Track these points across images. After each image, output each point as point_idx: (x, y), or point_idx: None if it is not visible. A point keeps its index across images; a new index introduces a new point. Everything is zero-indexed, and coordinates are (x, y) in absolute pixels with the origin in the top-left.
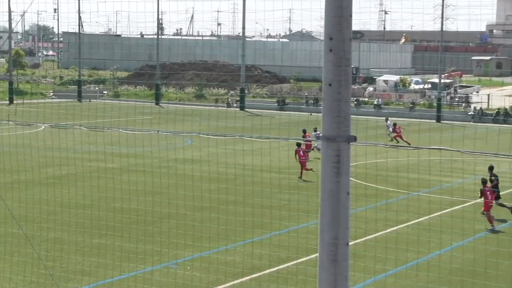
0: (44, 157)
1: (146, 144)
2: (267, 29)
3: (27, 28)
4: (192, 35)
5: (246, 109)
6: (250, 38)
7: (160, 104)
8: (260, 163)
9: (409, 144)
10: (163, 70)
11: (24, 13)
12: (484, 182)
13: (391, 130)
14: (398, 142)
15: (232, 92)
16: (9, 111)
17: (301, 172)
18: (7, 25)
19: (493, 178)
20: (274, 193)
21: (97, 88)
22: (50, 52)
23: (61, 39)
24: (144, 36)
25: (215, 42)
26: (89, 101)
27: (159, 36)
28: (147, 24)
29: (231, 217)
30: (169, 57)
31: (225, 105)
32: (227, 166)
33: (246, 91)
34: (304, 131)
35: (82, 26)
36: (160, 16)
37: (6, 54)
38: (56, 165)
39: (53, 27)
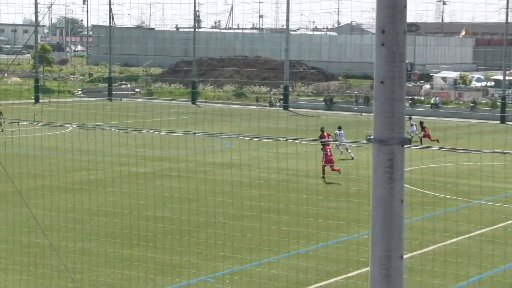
0: (71, 161)
1: (181, 147)
2: (313, 22)
3: (54, 21)
4: (232, 28)
5: (290, 109)
6: (295, 31)
7: (197, 103)
8: (306, 167)
9: (438, 141)
10: (200, 66)
11: (51, 5)
12: None
13: (415, 129)
14: (421, 143)
15: (275, 90)
16: (35, 111)
17: (323, 170)
18: (33, 18)
19: None
20: (321, 200)
21: (128, 86)
22: (79, 47)
23: (91, 33)
24: (180, 30)
25: (256, 36)
26: (120, 100)
27: (196, 30)
28: (183, 16)
29: (274, 227)
30: (207, 52)
31: (267, 104)
32: (270, 171)
33: (290, 89)
34: (322, 130)
35: (113, 19)
36: (197, 8)
37: (32, 49)
38: (84, 170)
39: (82, 20)
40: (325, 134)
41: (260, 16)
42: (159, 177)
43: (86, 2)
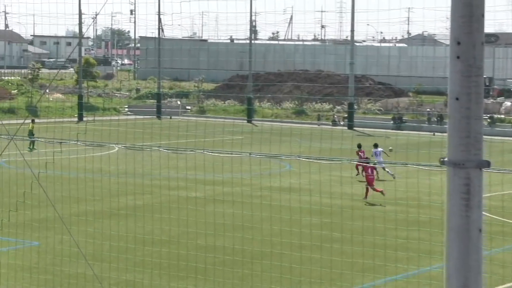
0: (116, 184)
1: (236, 169)
2: (381, 32)
3: (99, 33)
4: (291, 40)
5: (355, 128)
6: (360, 42)
7: (253, 122)
8: (372, 193)
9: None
10: (256, 81)
11: (96, 15)
12: None
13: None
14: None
15: (338, 107)
16: (78, 130)
17: (367, 192)
18: (77, 30)
19: None
20: (389, 229)
21: (179, 103)
22: (126, 61)
23: (138, 45)
24: (235, 41)
25: (318, 48)
26: (170, 118)
27: (252, 41)
28: (238, 27)
29: (336, 258)
30: (264, 65)
31: (330, 123)
32: (332, 196)
33: (355, 106)
34: (359, 146)
35: (162, 30)
36: (253, 18)
37: (75, 63)
38: (130, 194)
39: (129, 32)
40: (362, 151)
41: (322, 26)
42: (211, 202)
43: (133, 12)
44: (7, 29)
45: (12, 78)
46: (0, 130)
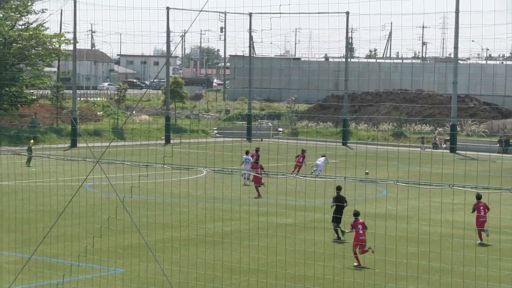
0: (203, 209)
1: (329, 195)
2: (487, 49)
3: (187, 51)
4: (390, 58)
5: (458, 151)
6: (464, 60)
7: (348, 145)
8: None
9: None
10: (352, 101)
11: (184, 33)
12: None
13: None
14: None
15: (439, 129)
16: (165, 152)
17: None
18: (164, 48)
19: None
20: (493, 259)
21: (270, 125)
22: (215, 81)
23: (228, 64)
24: (329, 60)
25: (418, 66)
26: (261, 140)
27: (348, 59)
28: (333, 44)
29: None
30: (360, 85)
31: (431, 146)
32: (432, 223)
33: (458, 128)
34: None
35: (253, 48)
36: (349, 35)
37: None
38: (218, 220)
39: (218, 50)
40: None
41: (423, 44)
42: (302, 229)
43: (223, 30)
44: (93, 48)
45: (98, 99)
46: (85, 153)
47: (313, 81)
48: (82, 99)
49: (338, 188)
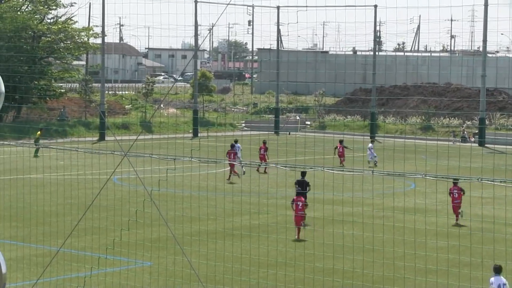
0: (231, 203)
1: (357, 188)
2: None
3: (215, 44)
4: (418, 51)
5: (486, 145)
6: (493, 53)
7: (376, 138)
8: (504, 214)
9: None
10: (380, 95)
11: (212, 26)
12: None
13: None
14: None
15: (468, 123)
16: (192, 146)
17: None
18: (192, 42)
19: None
20: None
21: (298, 118)
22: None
23: (256, 57)
24: (357, 53)
25: (446, 60)
26: (289, 133)
27: (377, 53)
28: (361, 37)
29: (465, 284)
30: (388, 78)
31: (459, 140)
32: (461, 218)
33: (487, 122)
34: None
35: (281, 41)
36: (377, 28)
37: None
38: (245, 213)
39: (246, 43)
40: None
41: (452, 37)
42: (330, 223)
43: (251, 23)
44: (122, 41)
45: (126, 92)
46: (113, 147)
47: (340, 75)
48: (110, 92)
49: (303, 174)
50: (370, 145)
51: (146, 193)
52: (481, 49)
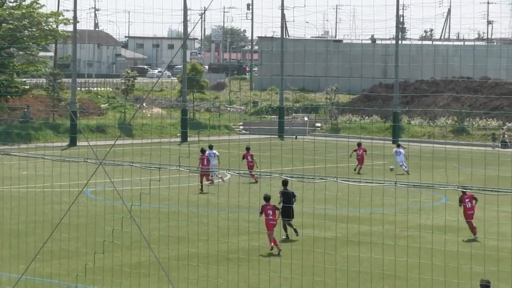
0: (226, 220)
1: (377, 203)
2: None
3: (208, 32)
4: (448, 39)
5: None
6: None
7: (400, 143)
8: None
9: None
10: (404, 91)
11: (204, 10)
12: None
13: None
14: None
15: (509, 124)
16: (180, 152)
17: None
18: (181, 29)
19: None
20: None
21: (306, 119)
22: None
23: (256, 47)
24: (377, 42)
25: (482, 49)
26: (295, 137)
27: (399, 41)
28: (380, 23)
29: None
30: (413, 72)
31: (499, 144)
32: (501, 237)
33: None
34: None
35: (285, 29)
36: (400, 12)
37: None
38: (244, 233)
39: (245, 31)
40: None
41: (489, 22)
42: (344, 244)
43: (251, 7)
44: (97, 29)
45: (102, 89)
46: (86, 153)
47: (357, 67)
48: (83, 89)
49: (284, 183)
50: (400, 149)
51: (125, 208)
52: None
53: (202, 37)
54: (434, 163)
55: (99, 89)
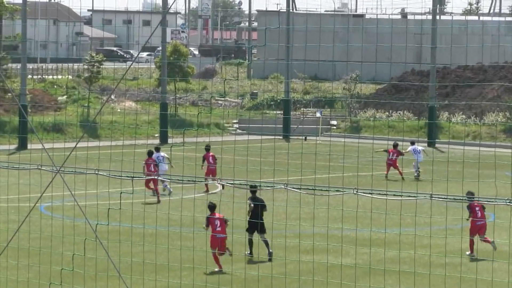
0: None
1: (408, 222)
2: None
3: (194, 5)
4: (500, 14)
5: None
6: None
7: (437, 145)
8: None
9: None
10: (442, 80)
11: None
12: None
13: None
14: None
15: None
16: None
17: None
18: (159, 1)
19: None
20: None
21: (318, 115)
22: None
23: (255, 24)
24: (408, 17)
25: None
26: (304, 139)
27: (437, 17)
28: None
29: None
30: (455, 55)
31: None
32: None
33: None
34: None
35: (293, 1)
36: None
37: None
38: (239, 260)
39: (240, 4)
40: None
41: None
42: (366, 273)
43: None
44: (53, 0)
45: (60, 77)
46: (40, 159)
47: (383, 50)
48: (35, 77)
49: (253, 191)
50: (418, 147)
51: (89, 228)
52: None
53: (187, 11)
54: (480, 171)
55: (55, 77)
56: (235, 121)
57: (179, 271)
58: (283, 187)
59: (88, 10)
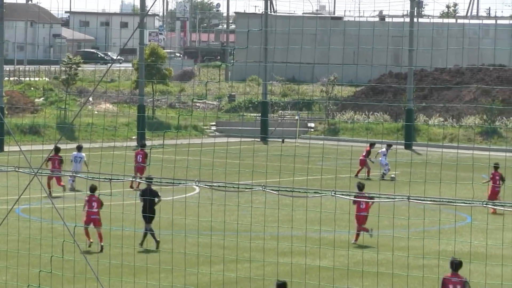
0: (195, 246)
1: (385, 224)
2: None
3: (172, 7)
4: (477, 17)
5: None
6: None
7: (414, 148)
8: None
9: None
10: (420, 82)
11: None
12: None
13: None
14: None
15: None
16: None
17: None
18: (137, 2)
19: None
20: None
21: (297, 118)
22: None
23: (233, 26)
24: (386, 20)
25: None
26: (282, 141)
27: (415, 19)
28: None
29: None
30: (433, 58)
31: None
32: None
33: None
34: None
35: (271, 2)
36: None
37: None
38: (217, 262)
39: (218, 5)
40: None
41: None
42: (343, 276)
43: None
44: (30, 2)
45: (37, 79)
46: (18, 161)
47: (360, 52)
48: (11, 79)
49: (149, 181)
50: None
51: (67, 231)
52: None
53: (164, 13)
54: (457, 174)
55: (32, 79)
56: (212, 123)
57: (157, 274)
58: (261, 189)
59: (66, 12)
